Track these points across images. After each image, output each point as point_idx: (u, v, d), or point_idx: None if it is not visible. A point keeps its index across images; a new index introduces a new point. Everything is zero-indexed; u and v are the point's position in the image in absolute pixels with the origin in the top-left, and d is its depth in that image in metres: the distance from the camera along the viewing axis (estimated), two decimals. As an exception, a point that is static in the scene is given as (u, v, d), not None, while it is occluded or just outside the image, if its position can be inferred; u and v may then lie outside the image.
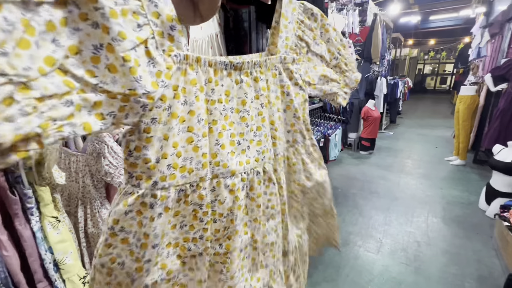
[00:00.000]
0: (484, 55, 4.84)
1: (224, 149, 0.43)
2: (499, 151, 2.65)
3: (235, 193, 0.44)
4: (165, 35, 0.34)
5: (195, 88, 0.38)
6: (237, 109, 0.45)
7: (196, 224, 0.42)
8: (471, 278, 1.90)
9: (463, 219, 2.66)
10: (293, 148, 0.55)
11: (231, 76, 0.43)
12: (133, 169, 0.37)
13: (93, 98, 0.29)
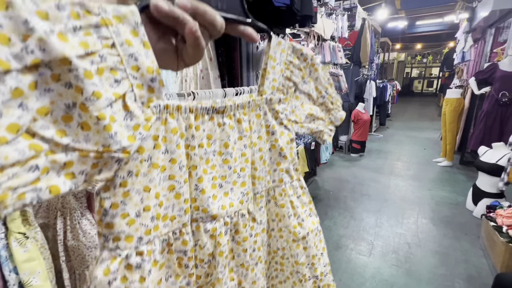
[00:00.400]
0: (468, 59, 5.00)
1: (204, 194, 0.41)
2: (484, 153, 2.72)
3: (216, 238, 0.43)
4: (145, 87, 0.32)
5: (176, 136, 0.37)
6: (219, 152, 0.44)
7: (181, 272, 0.40)
8: (460, 278, 1.92)
9: (451, 219, 2.71)
10: (280, 188, 0.54)
11: (213, 120, 0.42)
12: (109, 230, 0.34)
13: (63, 159, 0.27)
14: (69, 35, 0.24)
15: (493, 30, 4.48)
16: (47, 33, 0.23)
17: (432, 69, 16.50)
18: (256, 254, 0.50)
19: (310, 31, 2.64)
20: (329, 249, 2.30)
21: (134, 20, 0.28)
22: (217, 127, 0.43)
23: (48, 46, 0.23)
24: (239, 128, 0.45)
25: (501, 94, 3.42)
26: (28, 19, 0.22)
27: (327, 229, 2.61)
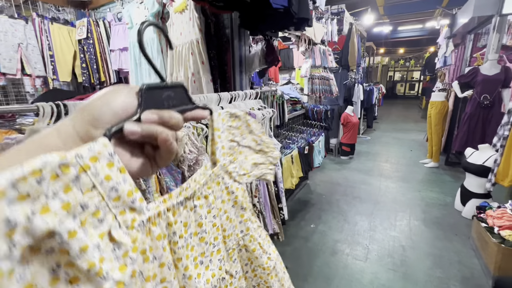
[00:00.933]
0: (450, 63, 5.20)
1: (191, 280, 0.43)
2: (470, 154, 2.79)
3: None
4: (127, 210, 0.32)
5: (161, 241, 0.38)
6: (195, 232, 0.47)
7: None
8: (455, 280, 1.94)
9: (441, 220, 2.76)
10: (248, 236, 0.60)
11: (186, 208, 0.44)
12: None
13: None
14: (50, 203, 0.24)
15: (472, 36, 4.67)
16: (30, 218, 0.22)
17: (414, 72, 17.15)
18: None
19: (301, 34, 2.63)
20: (326, 255, 2.26)
21: (108, 152, 0.29)
22: (190, 212, 0.45)
23: (32, 229, 0.22)
24: (207, 203, 0.49)
25: (483, 97, 3.55)
26: (9, 217, 0.21)
27: (322, 234, 2.58)
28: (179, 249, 0.43)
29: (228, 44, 1.99)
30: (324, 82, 3.45)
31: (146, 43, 2.08)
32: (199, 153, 0.98)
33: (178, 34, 1.87)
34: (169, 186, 0.93)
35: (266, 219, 1.48)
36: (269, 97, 1.94)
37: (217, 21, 1.90)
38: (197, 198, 0.47)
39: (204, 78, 1.81)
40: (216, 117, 0.53)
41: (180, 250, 0.43)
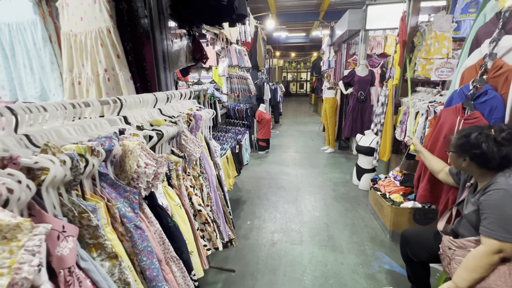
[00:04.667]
0: (333, 66, 6.37)
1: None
2: (360, 139, 3.51)
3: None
4: None
5: None
6: None
7: None
8: (367, 241, 2.41)
9: (347, 195, 3.36)
10: None
11: None
12: None
13: None
14: None
15: (346, 45, 5.87)
16: None
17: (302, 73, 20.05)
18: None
19: (219, 33, 2.58)
20: (267, 248, 2.34)
21: None
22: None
23: None
24: None
25: (359, 94, 4.53)
26: None
27: (259, 228, 2.65)
28: None
29: (145, 37, 1.71)
30: (242, 81, 3.53)
31: (24, 28, 1.53)
32: (158, 165, 0.80)
33: (76, 18, 1.46)
34: (124, 214, 0.72)
35: (220, 227, 1.38)
36: (200, 97, 1.81)
37: (129, 8, 1.60)
38: None
39: (122, 75, 1.49)
40: None
41: None
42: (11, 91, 1.64)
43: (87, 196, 0.66)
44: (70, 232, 0.55)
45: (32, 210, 0.53)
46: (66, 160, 0.55)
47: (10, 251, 0.39)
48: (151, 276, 0.77)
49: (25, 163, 0.51)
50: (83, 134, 0.74)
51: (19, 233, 0.40)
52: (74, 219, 0.59)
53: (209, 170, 1.35)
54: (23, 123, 0.60)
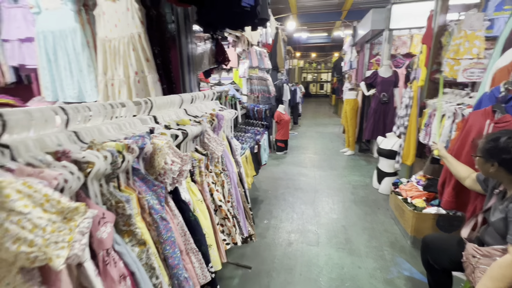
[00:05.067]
0: (355, 67, 6.23)
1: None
2: (382, 141, 3.42)
3: None
4: None
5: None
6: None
7: None
8: (386, 246, 2.35)
9: (366, 198, 3.29)
10: None
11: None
12: None
13: None
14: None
15: (369, 45, 5.73)
16: None
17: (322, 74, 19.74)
18: None
19: (241, 35, 2.65)
20: (283, 247, 2.37)
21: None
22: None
23: None
24: None
25: (382, 95, 4.40)
26: None
27: (275, 228, 2.68)
28: None
29: (171, 41, 1.82)
30: (262, 82, 3.58)
31: (66, 35, 1.68)
32: (183, 163, 0.86)
33: (111, 26, 1.59)
34: (152, 205, 0.79)
35: (240, 223, 1.44)
36: (222, 98, 1.88)
37: (158, 15, 1.71)
38: None
39: (150, 78, 1.60)
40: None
41: None
42: (53, 91, 1.81)
43: (122, 188, 0.74)
44: (109, 219, 0.63)
45: (79, 197, 0.61)
46: (108, 156, 0.62)
47: (69, 229, 0.47)
48: (172, 264, 0.84)
49: (75, 157, 0.59)
50: (119, 132, 0.82)
51: (76, 215, 0.48)
52: (111, 207, 0.67)
53: (230, 168, 1.41)
54: (72, 121, 0.69)
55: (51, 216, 0.45)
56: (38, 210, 0.43)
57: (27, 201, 0.42)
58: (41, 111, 0.62)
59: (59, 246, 0.44)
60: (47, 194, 0.45)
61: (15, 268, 0.44)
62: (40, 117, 0.61)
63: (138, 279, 0.67)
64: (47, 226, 0.44)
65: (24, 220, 0.42)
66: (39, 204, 0.43)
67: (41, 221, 0.43)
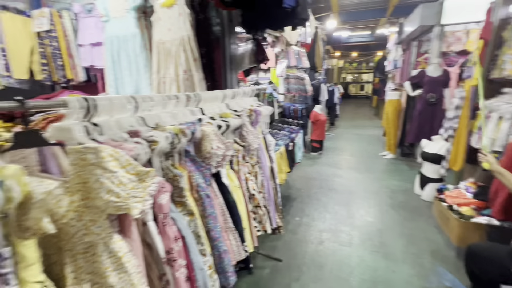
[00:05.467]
0: (399, 66, 5.87)
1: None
2: (427, 145, 3.21)
3: None
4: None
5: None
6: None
7: None
8: (426, 254, 2.22)
9: (406, 204, 3.12)
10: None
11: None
12: None
13: None
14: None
15: (416, 42, 5.35)
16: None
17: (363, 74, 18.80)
18: None
19: (280, 36, 2.73)
20: (314, 245, 2.39)
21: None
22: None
23: None
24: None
25: (429, 96, 4.10)
26: None
27: (307, 225, 2.70)
28: None
29: (216, 42, 1.97)
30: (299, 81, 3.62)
31: (128, 39, 1.95)
32: (226, 149, 0.97)
33: (166, 30, 1.79)
34: (199, 184, 0.91)
35: (270, 213, 1.52)
36: (260, 95, 1.97)
37: (205, 18, 1.87)
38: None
39: (197, 76, 1.76)
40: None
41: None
42: (116, 88, 2.09)
43: (176, 166, 0.87)
44: (167, 188, 0.76)
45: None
46: (168, 136, 0.75)
47: (143, 188, 0.60)
48: (214, 237, 0.95)
49: (144, 136, 0.73)
50: (174, 119, 0.96)
51: (147, 178, 0.61)
52: (168, 180, 0.80)
53: (264, 161, 1.50)
54: (140, 109, 0.84)
55: (131, 176, 0.58)
56: (122, 171, 0.57)
57: (115, 163, 0.56)
58: (119, 99, 0.77)
59: (136, 200, 0.58)
60: (128, 159, 0.59)
61: (104, 214, 0.58)
62: (118, 103, 0.76)
63: (188, 242, 0.79)
64: (128, 184, 0.57)
65: (113, 177, 0.55)
66: (123, 166, 0.57)
67: (124, 179, 0.57)
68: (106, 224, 0.59)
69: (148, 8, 1.95)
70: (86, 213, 0.57)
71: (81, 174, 0.56)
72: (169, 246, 0.73)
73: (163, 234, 0.73)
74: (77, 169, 0.56)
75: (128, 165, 0.58)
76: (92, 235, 0.57)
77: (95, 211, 0.58)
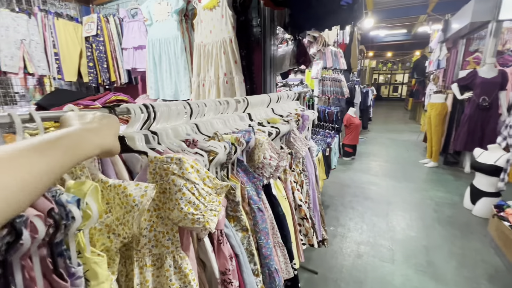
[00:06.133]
0: (443, 66, 5.42)
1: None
2: (480, 154, 2.88)
3: None
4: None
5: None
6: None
7: None
8: (483, 279, 1.97)
9: (454, 219, 2.82)
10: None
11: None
12: None
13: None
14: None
15: (464, 40, 4.89)
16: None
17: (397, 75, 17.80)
18: None
19: (319, 36, 2.61)
20: (351, 258, 2.23)
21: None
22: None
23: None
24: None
25: (482, 99, 3.70)
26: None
27: (342, 236, 2.55)
28: None
29: (256, 44, 1.91)
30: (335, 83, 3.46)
31: (169, 41, 1.96)
32: (279, 159, 0.90)
33: (207, 32, 1.77)
34: (251, 196, 0.85)
35: (315, 225, 1.42)
36: (300, 98, 1.88)
37: (246, 20, 1.82)
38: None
39: (237, 79, 1.72)
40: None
41: None
42: (156, 90, 2.13)
43: (229, 177, 0.82)
44: (223, 203, 0.70)
45: (202, 181, 0.70)
46: (226, 146, 0.70)
47: (218, 201, 0.56)
48: (265, 254, 0.88)
49: (201, 146, 0.68)
50: (224, 126, 0.91)
51: (221, 191, 0.57)
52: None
53: (310, 169, 1.41)
54: (194, 115, 0.79)
55: (209, 189, 0.55)
56: (201, 183, 0.53)
57: (196, 175, 0.53)
58: (176, 105, 0.73)
59: (213, 213, 0.54)
60: (207, 172, 0.55)
61: (176, 227, 0.55)
62: (175, 110, 0.72)
63: (241, 261, 0.73)
64: (207, 196, 0.53)
65: (194, 189, 0.52)
66: (202, 179, 0.54)
67: (203, 192, 0.53)
68: (176, 238, 0.55)
69: (190, 11, 1.95)
70: (158, 223, 0.55)
71: (160, 184, 0.54)
72: (225, 266, 0.67)
73: (218, 253, 0.67)
74: (156, 178, 0.54)
75: (207, 178, 0.56)
76: (161, 247, 0.54)
77: (167, 222, 0.55)
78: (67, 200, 0.40)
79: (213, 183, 0.56)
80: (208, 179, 0.55)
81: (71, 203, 0.40)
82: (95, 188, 0.41)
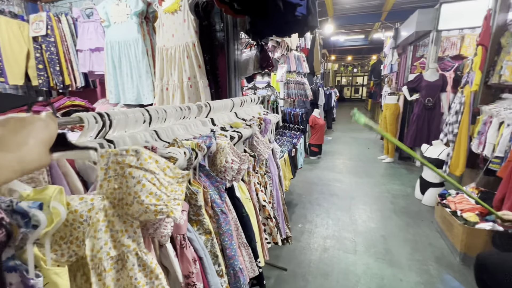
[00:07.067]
0: (395, 70, 5.94)
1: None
2: (426, 149, 3.22)
3: None
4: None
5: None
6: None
7: None
8: (431, 261, 2.21)
9: (407, 209, 3.12)
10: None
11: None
12: None
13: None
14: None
15: (412, 47, 5.42)
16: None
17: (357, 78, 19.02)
18: None
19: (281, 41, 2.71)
20: (318, 252, 2.35)
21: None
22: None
23: None
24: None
25: (427, 100, 4.14)
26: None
27: (310, 232, 2.67)
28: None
29: (219, 48, 1.94)
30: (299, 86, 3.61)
31: (129, 44, 1.90)
32: (241, 162, 0.94)
33: (169, 35, 1.75)
34: (214, 199, 0.87)
35: (279, 224, 1.48)
36: (264, 101, 1.94)
37: (209, 24, 1.84)
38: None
39: (201, 83, 1.73)
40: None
41: None
42: (116, 95, 2.04)
43: (191, 182, 0.83)
44: (185, 208, 0.72)
45: (162, 187, 0.70)
46: (186, 152, 0.71)
47: (181, 191, 0.58)
48: (230, 255, 0.91)
49: (161, 153, 0.69)
50: (186, 132, 0.92)
51: (183, 182, 0.58)
52: (185, 198, 0.76)
53: (273, 170, 1.47)
54: (153, 122, 0.80)
55: (170, 179, 0.55)
56: (162, 173, 0.54)
57: (156, 165, 0.53)
58: (133, 112, 0.73)
59: (176, 202, 0.55)
60: (166, 162, 0.56)
61: (137, 222, 0.54)
62: (133, 117, 0.72)
63: (205, 264, 0.75)
64: (169, 186, 0.54)
65: (154, 179, 0.52)
66: (162, 169, 0.55)
67: (165, 181, 0.54)
68: (138, 234, 0.55)
69: (150, 13, 1.91)
70: (114, 222, 0.53)
71: (113, 179, 0.52)
72: (188, 270, 0.68)
73: (181, 257, 0.69)
74: (109, 174, 0.52)
75: (167, 168, 0.57)
76: (121, 247, 0.53)
77: (125, 219, 0.54)
78: (28, 206, 0.39)
79: (174, 172, 0.57)
80: (168, 169, 0.56)
81: (33, 208, 0.39)
82: (59, 191, 0.41)
